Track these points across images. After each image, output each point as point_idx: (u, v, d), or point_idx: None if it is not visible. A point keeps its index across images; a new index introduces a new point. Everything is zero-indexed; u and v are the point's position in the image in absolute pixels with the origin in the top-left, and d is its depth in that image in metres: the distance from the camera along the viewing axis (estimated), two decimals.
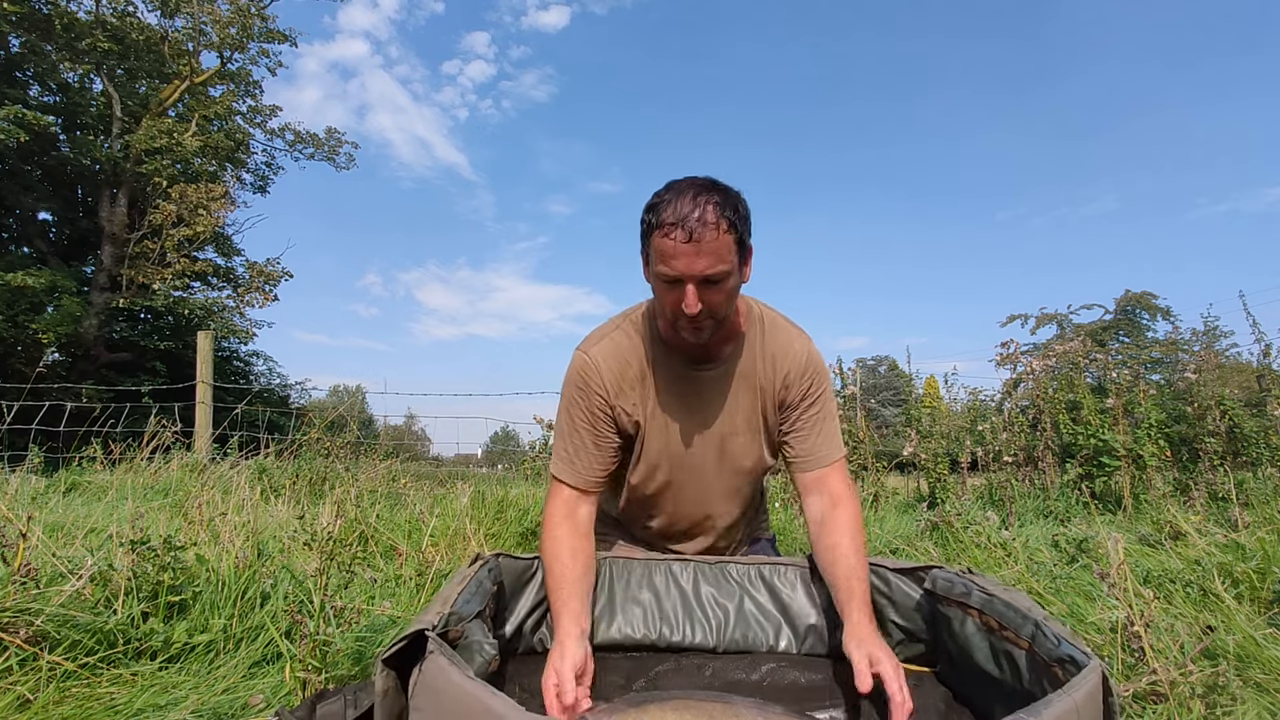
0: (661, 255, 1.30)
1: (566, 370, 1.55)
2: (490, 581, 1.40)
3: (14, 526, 1.69)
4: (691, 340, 1.38)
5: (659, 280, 1.34)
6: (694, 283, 1.28)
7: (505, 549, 2.95)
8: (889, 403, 29.69)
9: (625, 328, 1.54)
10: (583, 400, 1.50)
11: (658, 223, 1.29)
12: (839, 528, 1.45)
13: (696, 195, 1.28)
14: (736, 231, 1.30)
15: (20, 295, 12.53)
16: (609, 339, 1.53)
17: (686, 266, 1.27)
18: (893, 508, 4.57)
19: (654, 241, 1.31)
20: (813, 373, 1.54)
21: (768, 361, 1.53)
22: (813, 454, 1.52)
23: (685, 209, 1.26)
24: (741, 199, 1.34)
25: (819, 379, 1.55)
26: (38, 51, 13.88)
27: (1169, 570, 2.24)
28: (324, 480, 4.18)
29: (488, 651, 1.09)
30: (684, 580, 1.64)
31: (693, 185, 1.31)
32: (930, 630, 1.55)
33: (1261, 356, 5.84)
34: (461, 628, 1.11)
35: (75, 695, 1.37)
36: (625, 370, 1.50)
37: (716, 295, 1.31)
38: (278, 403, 16.82)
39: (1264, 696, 1.44)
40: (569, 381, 1.53)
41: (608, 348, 1.51)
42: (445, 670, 0.88)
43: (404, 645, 0.97)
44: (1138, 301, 25.26)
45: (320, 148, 18.66)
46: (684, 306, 1.30)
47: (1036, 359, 5.47)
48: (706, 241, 1.25)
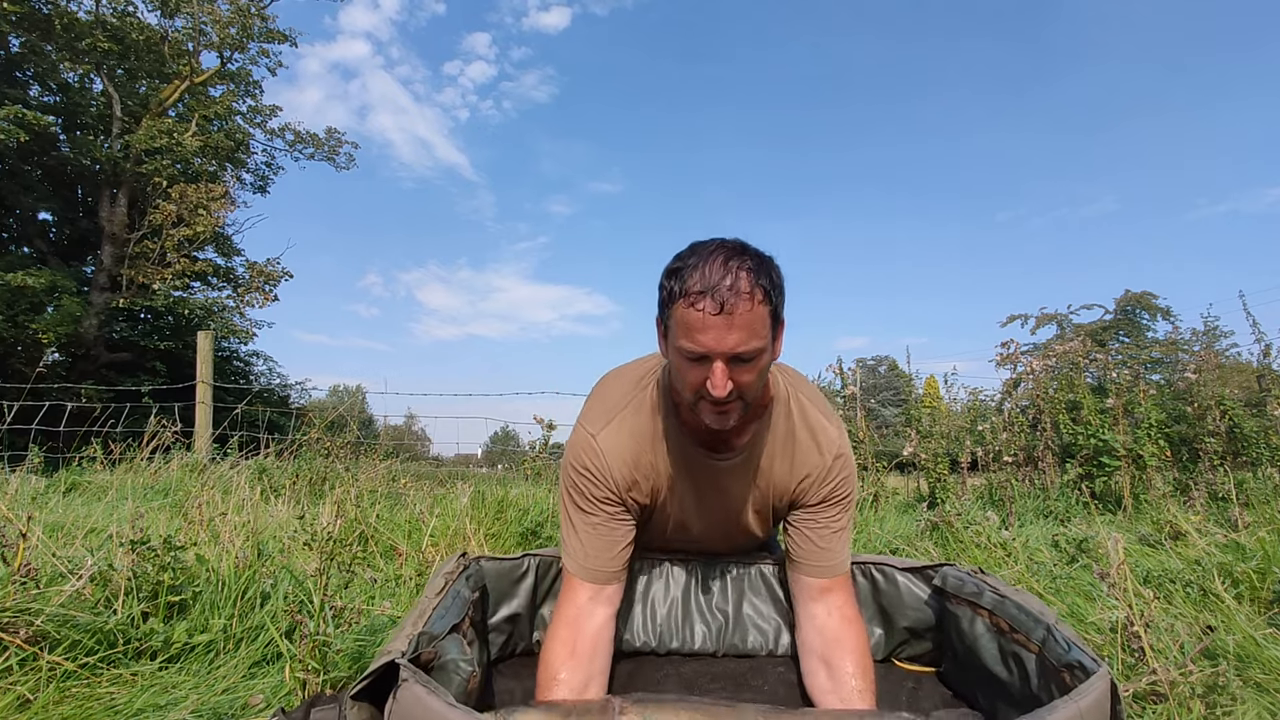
0: (687, 328, 1.12)
1: (569, 445, 1.39)
2: (469, 589, 1.39)
3: (14, 526, 1.69)
4: (715, 426, 1.21)
5: (682, 356, 1.16)
6: (723, 360, 1.12)
7: (505, 549, 2.95)
8: (889, 403, 29.68)
9: (636, 405, 1.37)
10: (588, 490, 1.35)
11: (683, 291, 1.12)
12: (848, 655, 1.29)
13: (728, 260, 1.12)
14: (771, 302, 1.14)
15: (20, 295, 12.52)
16: (618, 420, 1.36)
17: (716, 341, 1.10)
18: (893, 508, 4.57)
19: (677, 313, 1.14)
20: (836, 477, 1.37)
21: (787, 458, 1.38)
22: (821, 561, 1.37)
23: (715, 276, 1.10)
24: (775, 266, 1.18)
25: (843, 483, 1.38)
26: (38, 51, 13.88)
27: (1169, 570, 2.24)
28: (324, 480, 4.18)
29: (465, 670, 1.06)
30: (682, 583, 1.64)
31: (722, 249, 1.15)
32: (937, 629, 1.54)
33: (1261, 356, 5.85)
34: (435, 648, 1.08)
35: (75, 695, 1.37)
36: (636, 460, 1.35)
37: (747, 375, 1.15)
38: (278, 403, 16.81)
39: (1264, 696, 1.44)
40: (572, 466, 1.36)
41: (616, 437, 1.35)
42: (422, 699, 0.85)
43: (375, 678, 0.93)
44: (1138, 301, 25.25)
45: (320, 148, 18.65)
46: (710, 387, 1.13)
47: (1036, 359, 5.47)
48: (740, 313, 1.09)
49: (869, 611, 1.61)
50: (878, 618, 1.61)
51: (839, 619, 1.34)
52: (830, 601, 1.36)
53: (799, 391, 1.41)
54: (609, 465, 1.33)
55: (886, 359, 39.15)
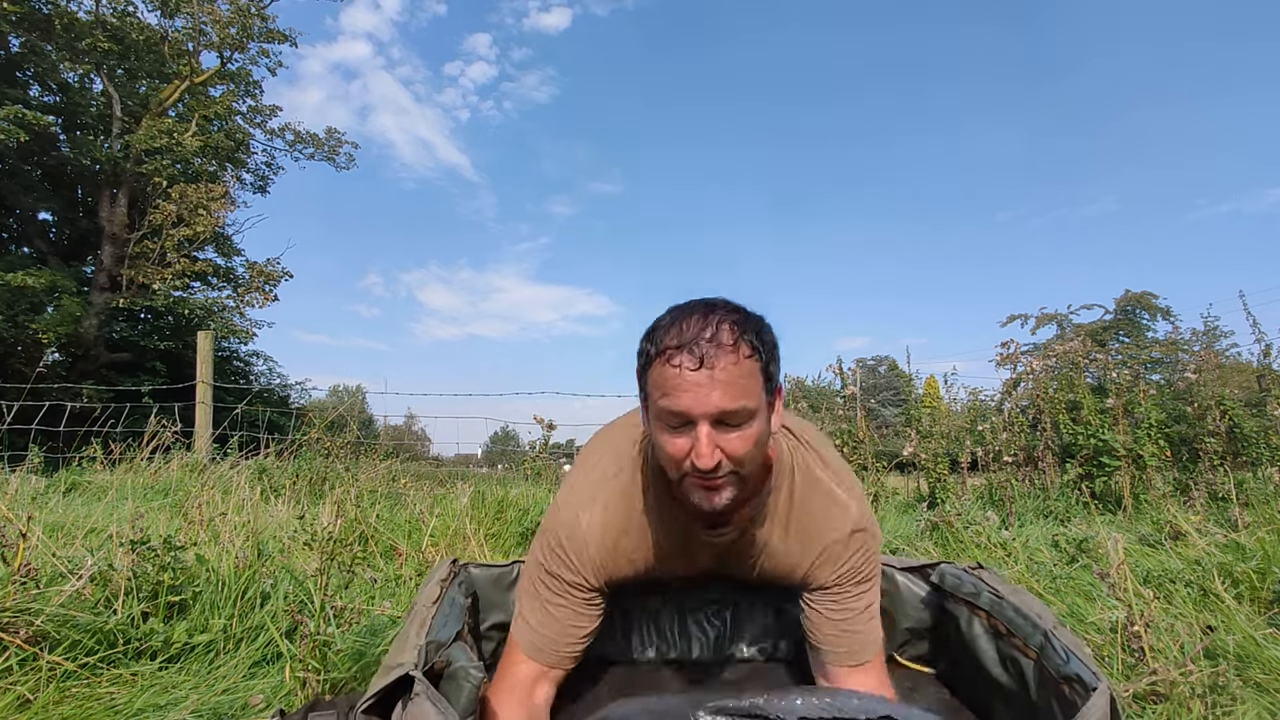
0: (664, 389, 1.00)
1: (551, 514, 1.26)
2: (463, 595, 1.38)
3: (14, 526, 1.69)
4: (705, 506, 1.06)
5: (662, 425, 1.04)
6: (707, 422, 0.99)
7: (505, 549, 2.95)
8: (889, 403, 29.69)
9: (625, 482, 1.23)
10: (561, 574, 1.21)
11: (658, 349, 1.01)
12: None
13: (707, 314, 1.02)
14: (761, 358, 1.01)
15: (20, 295, 12.52)
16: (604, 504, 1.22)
17: (697, 401, 0.98)
18: (893, 508, 4.58)
19: (654, 374, 1.02)
20: (853, 556, 1.21)
21: (794, 535, 1.22)
22: (844, 645, 1.21)
23: (693, 330, 1.00)
24: (764, 323, 1.06)
25: (864, 563, 1.22)
26: (38, 51, 13.88)
27: (1169, 570, 2.23)
28: (324, 480, 4.18)
29: (475, 677, 1.05)
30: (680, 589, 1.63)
31: (702, 304, 1.05)
32: (935, 628, 1.54)
33: (1261, 356, 5.85)
34: (445, 656, 1.07)
35: (75, 695, 1.37)
36: (619, 545, 1.22)
37: (738, 443, 1.01)
38: (278, 403, 16.81)
39: (1264, 696, 1.44)
40: (550, 541, 1.23)
41: (601, 520, 1.21)
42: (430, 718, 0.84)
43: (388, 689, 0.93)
44: (1138, 301, 25.24)
45: (320, 148, 18.65)
46: (694, 456, 1.00)
47: (1036, 359, 5.47)
48: (722, 368, 0.97)
49: None
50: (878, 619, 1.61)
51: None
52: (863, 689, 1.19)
53: (809, 458, 1.25)
54: (589, 555, 1.20)
55: (886, 359, 39.17)
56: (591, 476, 1.26)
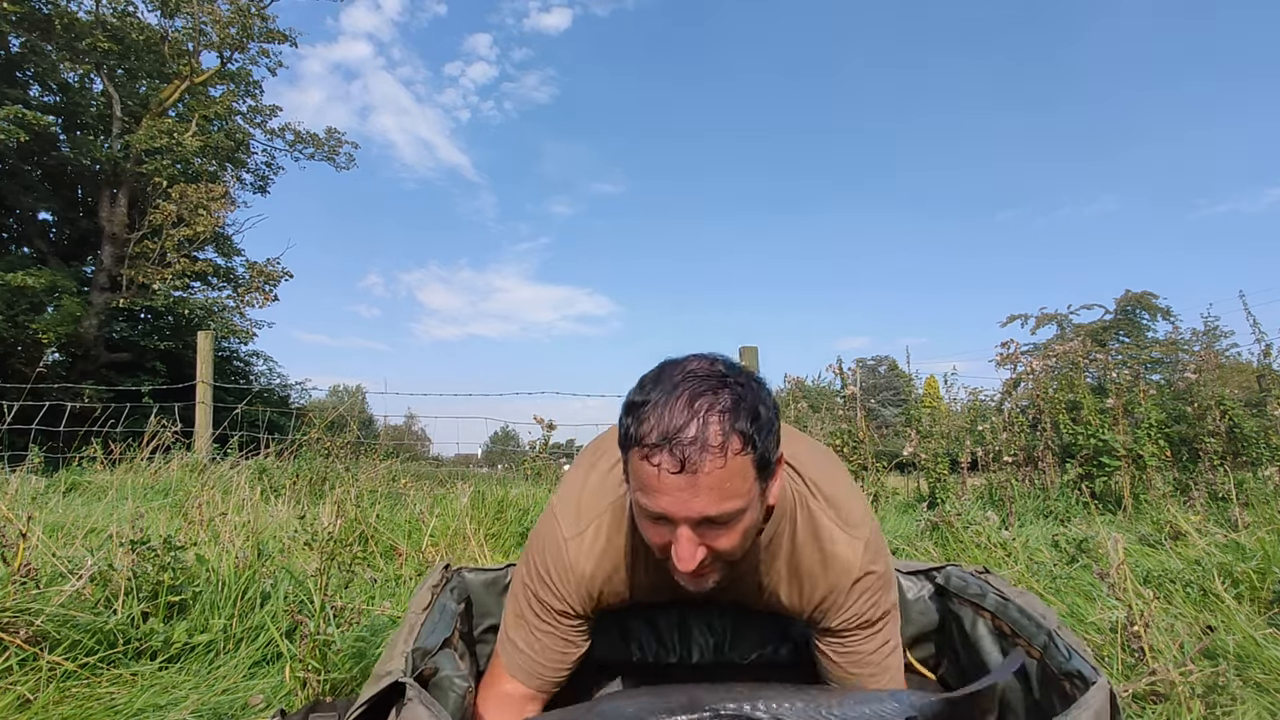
0: (641, 484, 0.92)
1: (538, 534, 1.21)
2: (455, 601, 1.37)
3: (14, 526, 1.69)
4: (691, 589, 1.02)
5: (641, 512, 0.96)
6: (689, 525, 0.91)
7: (505, 549, 2.95)
8: (889, 403, 29.69)
9: (616, 513, 1.17)
10: (548, 601, 1.16)
11: (637, 437, 0.91)
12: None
13: (694, 399, 0.90)
14: (755, 449, 0.90)
15: (20, 295, 12.53)
16: (594, 532, 1.16)
17: (677, 507, 0.90)
18: (893, 508, 4.58)
19: (632, 462, 0.93)
20: (858, 601, 1.13)
21: (792, 581, 1.16)
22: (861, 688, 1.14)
23: (676, 420, 0.88)
24: (762, 397, 0.94)
25: (870, 607, 1.13)
26: (38, 51, 13.88)
27: (1169, 570, 2.23)
28: (324, 480, 4.18)
29: (460, 686, 1.04)
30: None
31: (690, 380, 0.92)
32: (939, 629, 1.54)
33: (1261, 356, 5.85)
34: (432, 664, 1.06)
35: (75, 695, 1.37)
36: (609, 576, 1.17)
37: (724, 539, 0.94)
38: (278, 403, 16.81)
39: (1264, 696, 1.44)
40: (537, 567, 1.17)
41: (591, 545, 1.15)
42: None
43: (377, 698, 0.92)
44: (1138, 301, 25.25)
45: (320, 148, 18.65)
46: (675, 559, 0.94)
47: (1036, 359, 5.47)
48: (707, 472, 0.87)
49: None
50: None
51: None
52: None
53: (811, 499, 1.16)
54: (577, 582, 1.15)
55: (886, 359, 39.17)
56: (585, 503, 1.19)
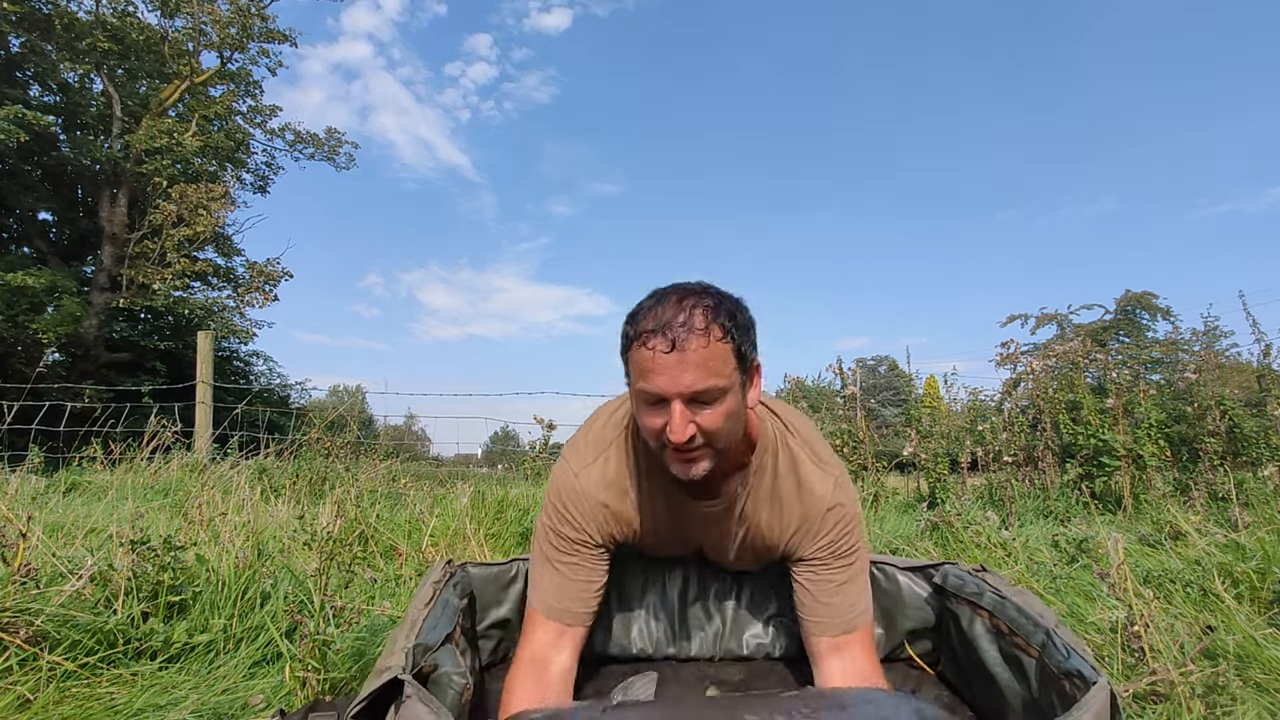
0: (641, 370, 1.09)
1: (552, 480, 1.36)
2: (458, 597, 1.38)
3: (14, 526, 1.69)
4: (683, 477, 1.16)
5: (641, 402, 1.13)
6: (680, 401, 1.07)
7: (505, 549, 2.95)
8: (889, 403, 29.70)
9: (620, 443, 1.33)
10: (566, 532, 1.31)
11: (636, 333, 1.10)
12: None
13: (682, 299, 1.10)
14: (733, 340, 1.09)
15: (20, 295, 12.52)
16: (602, 460, 1.32)
17: (670, 382, 1.06)
18: (893, 508, 4.57)
19: (633, 355, 1.11)
20: (831, 531, 1.28)
21: (774, 510, 1.31)
22: (826, 616, 1.27)
23: (668, 314, 1.08)
24: (741, 305, 1.15)
25: (840, 537, 1.29)
26: (38, 51, 13.88)
27: (1169, 570, 2.23)
28: (324, 480, 4.18)
29: (458, 683, 1.05)
30: (680, 587, 1.63)
31: (679, 289, 1.13)
32: (936, 628, 1.54)
33: (1261, 356, 5.85)
34: (431, 660, 1.07)
35: (75, 695, 1.37)
36: (619, 503, 1.32)
37: (711, 418, 1.09)
38: (278, 403, 16.81)
39: (1264, 696, 1.44)
40: (554, 501, 1.33)
41: (600, 473, 1.32)
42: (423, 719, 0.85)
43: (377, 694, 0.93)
44: (1138, 301, 25.24)
45: (320, 148, 18.65)
46: (669, 432, 1.09)
47: (1036, 359, 5.47)
48: (693, 350, 1.05)
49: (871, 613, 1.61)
50: (879, 618, 1.61)
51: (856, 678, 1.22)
52: (845, 658, 1.25)
53: (790, 437, 1.34)
54: (589, 507, 1.30)
55: (886, 359, 39.17)
56: (593, 440, 1.35)
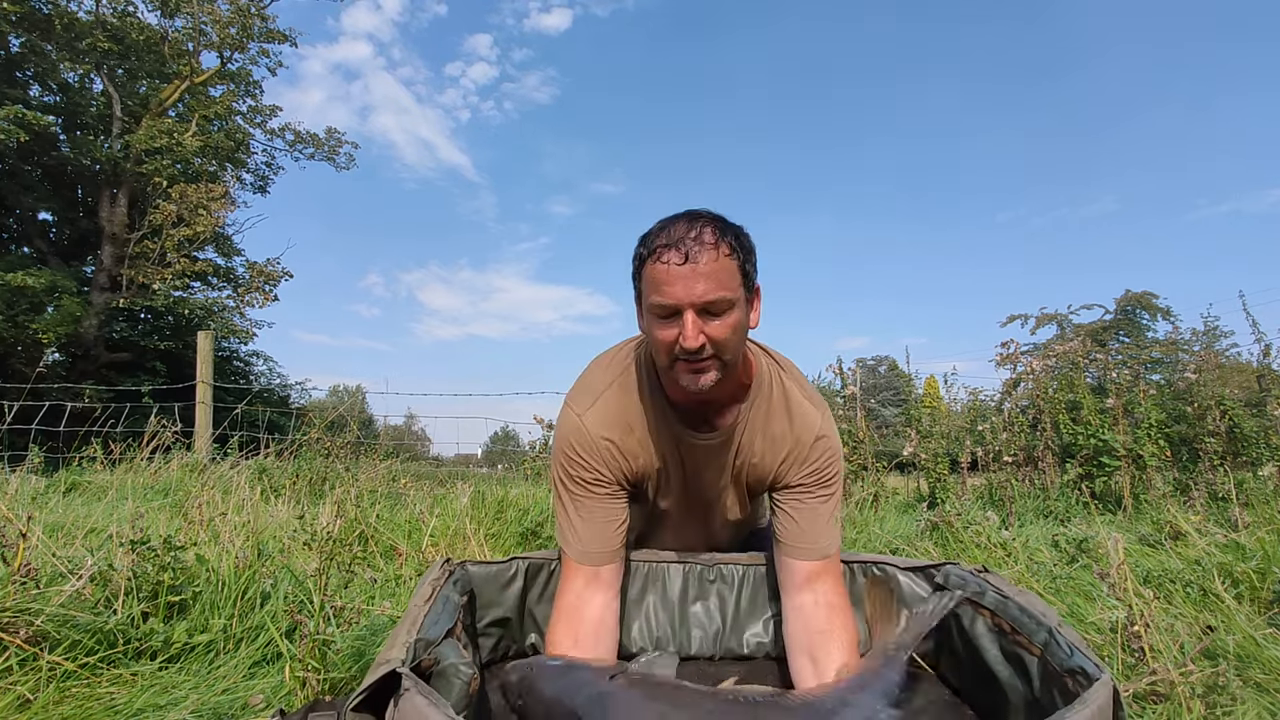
0: (654, 283, 1.16)
1: (558, 427, 1.41)
2: (458, 594, 1.38)
3: (14, 526, 1.69)
4: (692, 388, 1.20)
5: (653, 315, 1.18)
6: (693, 310, 1.14)
7: (505, 549, 2.95)
8: (889, 403, 29.68)
9: (621, 383, 1.39)
10: (579, 474, 1.36)
11: (649, 250, 1.17)
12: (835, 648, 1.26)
13: (692, 220, 1.17)
14: (739, 257, 1.17)
15: (20, 295, 12.53)
16: (603, 400, 1.37)
17: (684, 292, 1.13)
18: (893, 508, 4.57)
19: (646, 272, 1.18)
20: (818, 459, 1.37)
21: (768, 440, 1.38)
22: (805, 542, 1.35)
23: (679, 231, 1.15)
24: (744, 231, 1.22)
25: (826, 465, 1.37)
26: (38, 51, 13.88)
27: (1169, 570, 2.23)
28: (324, 480, 4.18)
29: (465, 674, 1.05)
30: (679, 585, 1.63)
31: (687, 213, 1.21)
32: (937, 627, 1.54)
33: (1261, 356, 5.85)
34: (433, 654, 1.07)
35: (75, 695, 1.37)
36: (624, 438, 1.36)
37: (720, 329, 1.16)
38: (278, 403, 16.81)
39: (1264, 696, 1.43)
40: (562, 448, 1.37)
41: (602, 413, 1.36)
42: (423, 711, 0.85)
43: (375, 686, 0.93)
44: (1138, 301, 25.24)
45: (320, 148, 18.65)
46: (682, 339, 1.14)
47: (1036, 359, 5.47)
48: (705, 263, 1.12)
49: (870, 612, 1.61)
50: (879, 618, 1.60)
51: (825, 609, 1.31)
52: (817, 589, 1.34)
53: (783, 373, 1.41)
54: (597, 446, 1.35)
55: (886, 359, 39.16)
56: (592, 384, 1.40)
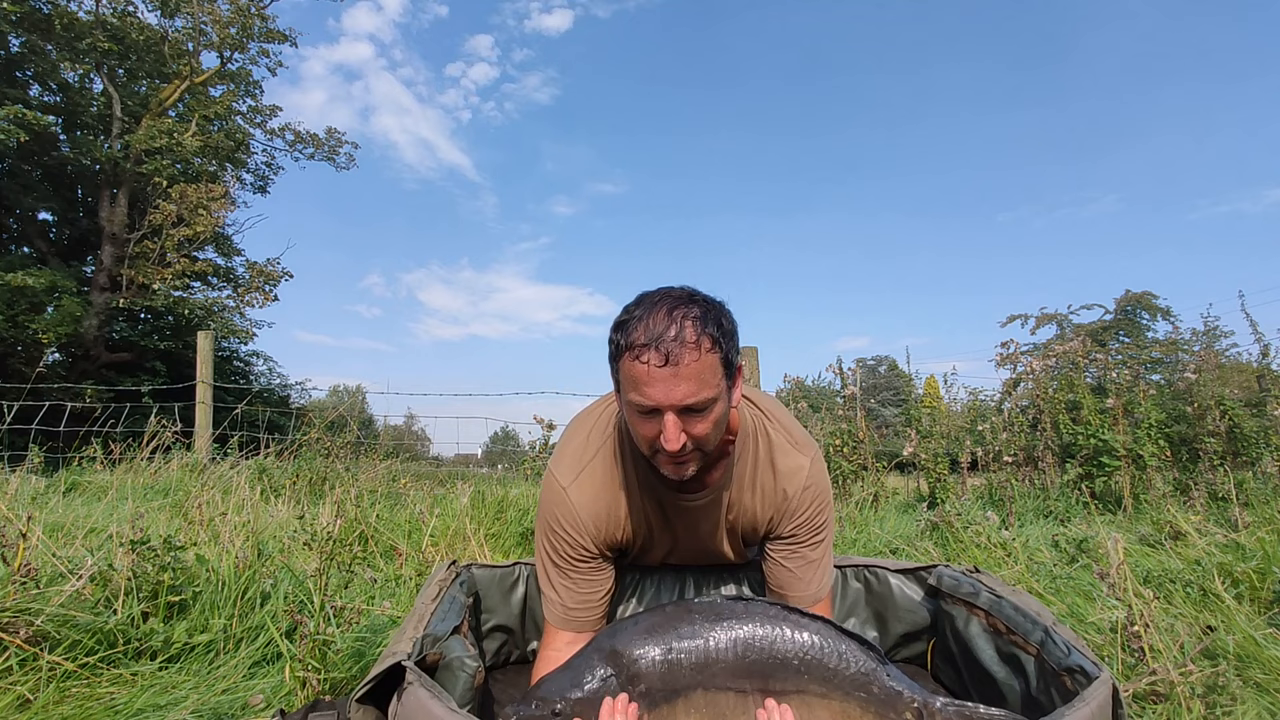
0: (633, 382, 1.12)
1: (542, 498, 1.40)
2: (464, 594, 1.39)
3: (14, 526, 1.69)
4: (673, 477, 1.22)
5: (633, 410, 1.16)
6: (673, 412, 1.11)
7: (505, 549, 2.95)
8: (889, 403, 29.67)
9: (605, 453, 1.37)
10: (564, 550, 1.35)
11: (628, 344, 1.12)
12: None
13: (672, 310, 1.12)
14: (721, 350, 1.13)
15: (20, 295, 12.51)
16: (588, 472, 1.35)
17: (664, 395, 1.10)
18: (893, 508, 4.57)
19: (624, 367, 1.14)
20: (809, 508, 1.36)
21: (755, 492, 1.37)
22: (796, 590, 1.36)
23: (659, 327, 1.10)
24: (725, 311, 1.19)
25: (814, 515, 1.37)
26: (38, 51, 13.87)
27: (1169, 570, 2.23)
28: (324, 480, 4.18)
29: (470, 666, 1.07)
30: (675, 592, 1.62)
31: (667, 298, 1.15)
32: (931, 629, 1.54)
33: (1261, 356, 5.85)
34: (440, 649, 1.08)
35: (75, 695, 1.37)
36: (610, 511, 1.36)
37: (701, 426, 1.14)
38: (278, 403, 16.80)
39: (1264, 696, 1.43)
40: (546, 520, 1.37)
41: (588, 485, 1.35)
42: (425, 703, 0.86)
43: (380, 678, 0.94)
44: (1138, 301, 25.21)
45: (320, 148, 18.63)
46: (663, 441, 1.13)
47: (1036, 359, 5.47)
48: (686, 364, 1.09)
49: (863, 615, 1.61)
50: (872, 620, 1.61)
51: None
52: None
53: (767, 422, 1.39)
54: (583, 522, 1.33)
55: (887, 359, 39.15)
56: (576, 453, 1.39)
